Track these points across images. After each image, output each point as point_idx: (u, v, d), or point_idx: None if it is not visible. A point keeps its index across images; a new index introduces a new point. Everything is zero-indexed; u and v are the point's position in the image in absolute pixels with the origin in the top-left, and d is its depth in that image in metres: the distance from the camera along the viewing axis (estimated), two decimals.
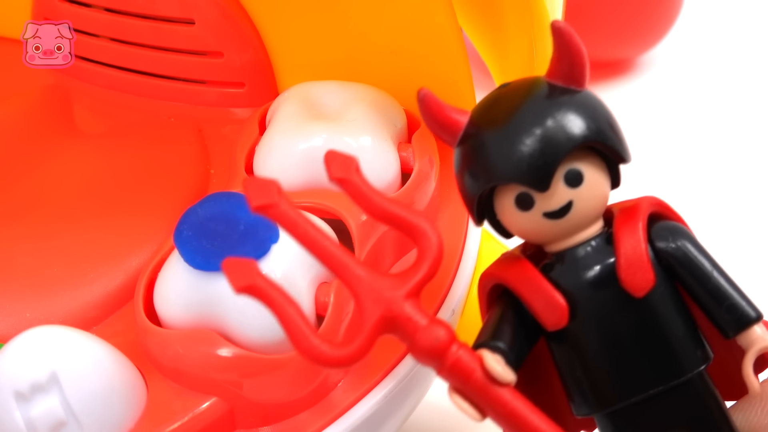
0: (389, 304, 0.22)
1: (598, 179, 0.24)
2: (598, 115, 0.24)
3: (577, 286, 0.24)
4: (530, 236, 0.25)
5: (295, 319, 0.22)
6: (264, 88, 0.34)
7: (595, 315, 0.24)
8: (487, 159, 0.24)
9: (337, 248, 0.23)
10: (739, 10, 0.59)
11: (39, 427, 0.24)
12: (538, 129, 0.23)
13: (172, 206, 0.30)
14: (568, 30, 0.24)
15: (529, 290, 0.24)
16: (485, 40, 0.37)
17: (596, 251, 0.24)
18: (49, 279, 0.29)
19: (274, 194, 0.22)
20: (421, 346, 0.22)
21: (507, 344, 0.24)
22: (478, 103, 0.25)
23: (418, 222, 0.23)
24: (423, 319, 0.23)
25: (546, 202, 0.24)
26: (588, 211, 0.24)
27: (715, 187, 0.48)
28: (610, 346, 0.24)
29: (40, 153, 0.33)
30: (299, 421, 0.26)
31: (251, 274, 0.22)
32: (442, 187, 0.31)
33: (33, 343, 0.24)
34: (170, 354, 0.26)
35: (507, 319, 0.24)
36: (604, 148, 0.24)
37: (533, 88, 0.24)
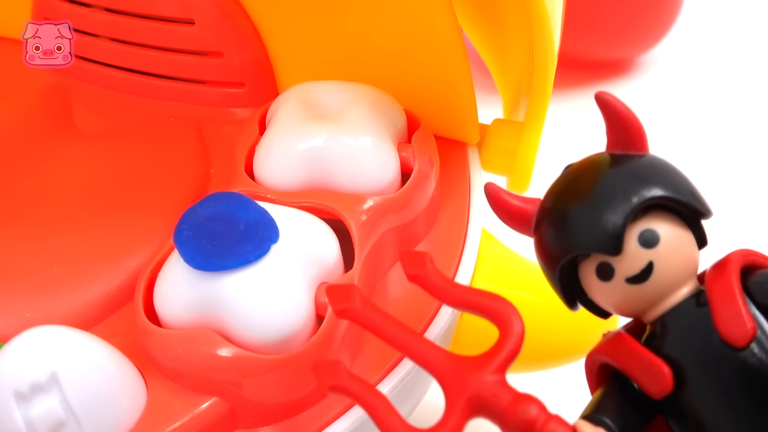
0: (475, 385, 0.23)
1: (678, 238, 0.24)
2: (662, 174, 0.24)
3: (680, 349, 0.24)
4: (622, 307, 0.24)
5: (383, 412, 0.23)
6: (264, 88, 0.34)
7: (703, 375, 0.23)
8: (560, 236, 0.24)
9: (413, 333, 0.24)
10: (739, 10, 0.59)
11: (39, 427, 0.24)
12: (603, 196, 0.24)
13: (172, 206, 0.31)
14: (614, 100, 0.24)
15: (630, 361, 0.24)
16: (485, 40, 0.37)
17: (693, 312, 0.24)
18: (49, 279, 0.29)
19: (354, 298, 0.24)
20: (511, 422, 0.23)
21: (609, 416, 0.24)
22: (548, 189, 0.25)
23: (500, 306, 0.23)
24: (509, 396, 0.23)
25: (625, 266, 0.24)
26: (673, 272, 0.24)
27: (715, 187, 0.47)
28: (724, 403, 0.23)
29: (40, 153, 0.33)
30: (299, 421, 0.26)
31: (338, 374, 0.23)
32: (442, 187, 0.31)
33: (33, 343, 0.24)
34: (170, 354, 0.26)
35: (610, 393, 0.24)
36: (676, 204, 0.24)
37: (595, 161, 0.25)
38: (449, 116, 0.33)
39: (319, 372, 0.24)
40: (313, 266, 0.26)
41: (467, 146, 0.33)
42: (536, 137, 0.32)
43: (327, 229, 0.28)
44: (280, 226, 0.26)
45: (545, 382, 0.39)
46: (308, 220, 0.27)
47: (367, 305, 0.24)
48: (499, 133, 0.33)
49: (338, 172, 0.29)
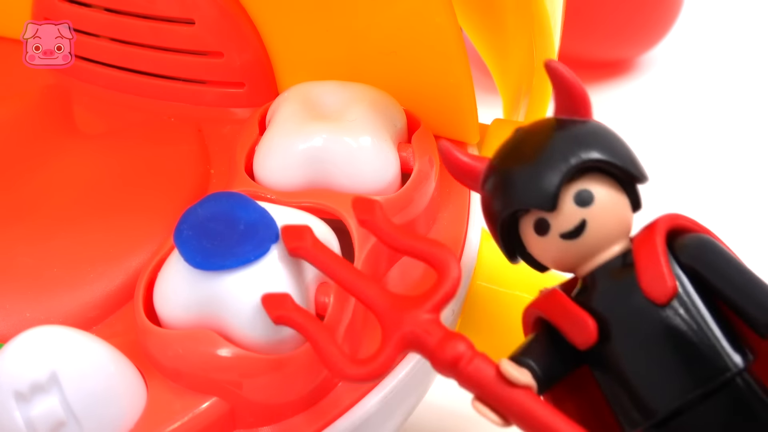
0: (409, 322, 0.24)
1: (612, 199, 0.25)
2: (601, 139, 0.25)
3: (606, 304, 0.25)
4: (557, 262, 0.26)
5: (323, 340, 0.24)
6: (264, 88, 0.34)
7: (626, 330, 0.24)
8: (502, 193, 0.26)
9: (358, 273, 0.25)
10: (739, 10, 0.59)
11: (39, 427, 0.24)
12: (544, 156, 0.25)
13: (172, 206, 0.30)
14: (560, 67, 0.25)
15: (559, 314, 0.25)
16: (485, 40, 0.37)
17: (620, 269, 0.25)
18: (49, 279, 0.29)
19: (306, 238, 0.26)
20: (440, 359, 0.24)
21: (534, 359, 0.25)
22: (496, 148, 0.27)
23: (439, 252, 0.25)
24: (439, 334, 0.24)
25: (560, 223, 0.25)
26: (605, 231, 0.25)
27: (716, 187, 0.48)
28: (644, 357, 0.24)
29: (40, 153, 0.33)
30: (299, 421, 0.26)
31: (284, 305, 0.25)
32: (442, 187, 0.31)
33: (33, 343, 0.24)
34: (170, 354, 0.26)
35: (538, 339, 0.25)
36: (611, 167, 0.25)
37: (541, 125, 0.26)
38: (449, 116, 0.32)
39: (267, 303, 0.25)
40: (312, 266, 0.26)
41: (467, 146, 0.33)
42: None
43: (327, 229, 0.28)
44: (280, 226, 0.26)
45: None
46: (308, 220, 0.27)
47: (318, 245, 0.25)
48: (499, 133, 0.33)
49: (338, 172, 0.29)
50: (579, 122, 0.26)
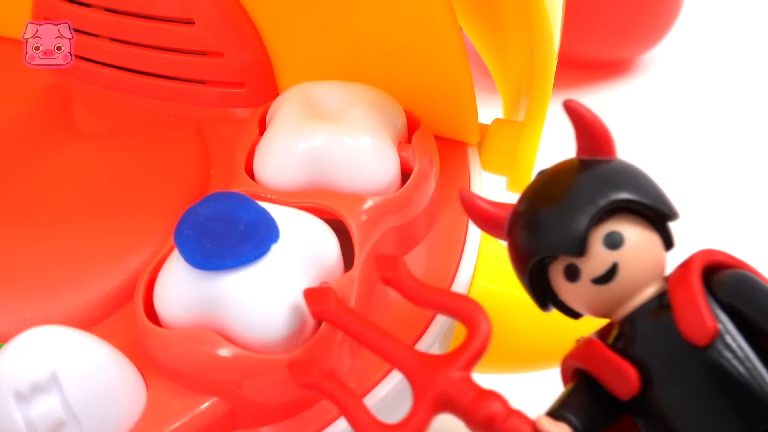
0: (441, 382, 0.23)
1: (643, 240, 0.24)
2: (628, 178, 0.25)
3: (645, 350, 0.24)
4: (591, 308, 0.25)
5: (354, 409, 0.24)
6: (264, 88, 0.34)
7: (668, 376, 0.23)
8: (529, 239, 0.25)
9: (385, 334, 0.25)
10: (739, 10, 0.59)
11: (39, 427, 0.24)
12: (569, 199, 0.24)
13: (172, 206, 0.30)
14: (579, 107, 0.25)
15: (598, 365, 0.24)
16: (485, 40, 0.37)
17: (657, 312, 0.24)
18: (49, 279, 0.29)
19: (329, 300, 0.25)
20: (474, 418, 0.23)
21: (574, 413, 0.24)
22: (521, 194, 0.26)
23: (469, 307, 0.24)
24: (473, 392, 0.23)
25: (590, 268, 0.24)
26: (638, 273, 0.24)
27: (715, 187, 0.48)
28: (689, 403, 0.23)
29: (40, 153, 0.33)
30: (299, 421, 0.26)
31: (311, 373, 0.24)
32: (442, 187, 0.31)
33: (33, 342, 0.24)
34: (170, 354, 0.26)
35: (578, 390, 0.24)
36: (640, 207, 0.24)
37: (565, 167, 0.25)
38: (449, 116, 0.33)
39: (294, 370, 0.24)
40: (313, 266, 0.26)
41: (467, 146, 0.33)
42: (536, 137, 0.32)
43: (327, 229, 0.28)
44: (280, 226, 0.26)
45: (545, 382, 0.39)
46: (308, 220, 0.27)
47: (342, 307, 0.25)
48: (499, 133, 0.33)
49: (338, 172, 0.29)
50: (604, 162, 0.25)
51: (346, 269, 0.28)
